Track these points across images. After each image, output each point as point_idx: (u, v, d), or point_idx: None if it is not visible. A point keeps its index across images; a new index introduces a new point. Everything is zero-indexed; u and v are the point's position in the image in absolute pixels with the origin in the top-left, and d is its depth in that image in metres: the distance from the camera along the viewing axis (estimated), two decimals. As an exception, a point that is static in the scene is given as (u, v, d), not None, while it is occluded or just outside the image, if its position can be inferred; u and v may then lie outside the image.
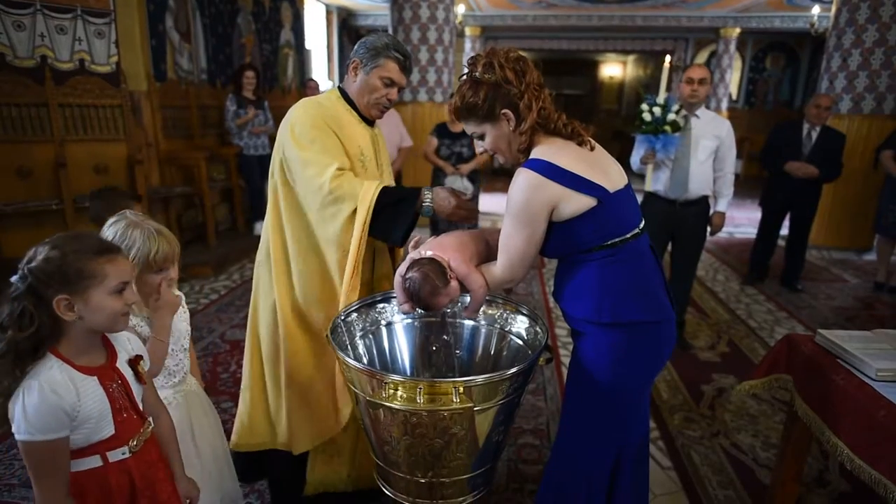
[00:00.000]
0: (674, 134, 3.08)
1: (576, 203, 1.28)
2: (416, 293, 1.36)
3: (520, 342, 1.55)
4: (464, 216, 1.59)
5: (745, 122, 10.78)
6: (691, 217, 3.21)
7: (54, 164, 4.13)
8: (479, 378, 1.24)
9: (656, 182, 3.23)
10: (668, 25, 9.68)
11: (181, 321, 1.50)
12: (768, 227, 4.75)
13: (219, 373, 2.96)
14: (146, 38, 4.71)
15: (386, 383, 1.20)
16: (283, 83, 7.64)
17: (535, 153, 1.32)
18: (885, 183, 4.63)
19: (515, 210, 1.31)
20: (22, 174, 4.11)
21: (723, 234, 6.14)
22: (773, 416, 2.68)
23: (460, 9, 8.05)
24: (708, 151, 3.12)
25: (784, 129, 4.52)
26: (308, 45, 8.52)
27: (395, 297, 1.62)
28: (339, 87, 1.74)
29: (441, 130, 4.60)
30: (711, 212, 3.29)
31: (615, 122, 14.11)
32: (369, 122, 1.75)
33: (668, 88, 3.12)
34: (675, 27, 9.83)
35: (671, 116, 3.03)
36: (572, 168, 1.28)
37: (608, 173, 1.33)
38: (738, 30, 9.56)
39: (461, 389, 1.19)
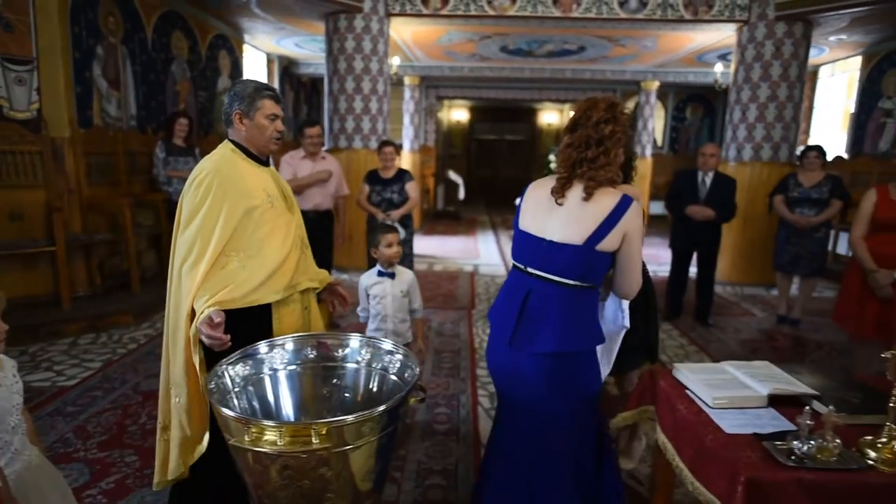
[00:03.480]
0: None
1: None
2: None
3: (399, 381, 1.63)
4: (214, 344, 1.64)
5: (669, 167, 11.49)
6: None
7: (-36, 212, 4.00)
8: (348, 418, 1.31)
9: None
10: (595, 78, 10.37)
11: (3, 398, 1.38)
12: (678, 266, 5.09)
13: (126, 425, 2.88)
14: (70, 85, 4.68)
15: (249, 427, 1.26)
16: (219, 130, 7.67)
17: None
18: (779, 225, 5.06)
19: None
20: (-73, 222, 3.95)
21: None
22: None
23: (395, 60, 8.38)
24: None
25: (683, 175, 4.94)
26: (247, 91, 8.61)
27: (280, 344, 1.69)
28: (228, 139, 1.91)
29: (372, 178, 4.75)
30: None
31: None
32: (266, 163, 1.95)
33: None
34: (601, 80, 10.54)
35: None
36: (527, 195, 1.80)
37: (542, 221, 1.72)
38: (657, 83, 10.35)
39: (324, 431, 1.26)
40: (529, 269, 1.72)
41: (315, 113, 11.74)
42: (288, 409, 1.66)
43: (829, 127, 9.27)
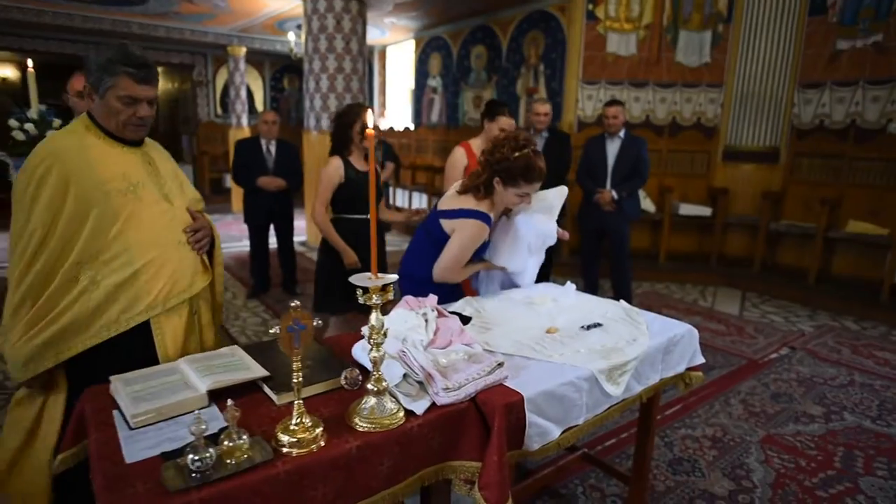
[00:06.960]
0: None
1: None
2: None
3: None
4: None
5: (273, 138, 11.37)
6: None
7: None
8: None
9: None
10: (172, 37, 9.21)
11: None
12: (258, 238, 4.89)
13: None
14: None
15: None
16: None
17: None
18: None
19: None
20: None
21: (225, 249, 6.18)
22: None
23: None
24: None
25: (243, 144, 4.72)
26: None
27: None
28: (88, 112, 1.57)
29: None
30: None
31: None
32: (136, 143, 1.62)
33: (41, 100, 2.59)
34: (179, 39, 9.44)
35: (51, 132, 2.54)
36: None
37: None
38: (244, 49, 9.89)
39: None
40: None
41: None
42: None
43: (399, 101, 10.65)
